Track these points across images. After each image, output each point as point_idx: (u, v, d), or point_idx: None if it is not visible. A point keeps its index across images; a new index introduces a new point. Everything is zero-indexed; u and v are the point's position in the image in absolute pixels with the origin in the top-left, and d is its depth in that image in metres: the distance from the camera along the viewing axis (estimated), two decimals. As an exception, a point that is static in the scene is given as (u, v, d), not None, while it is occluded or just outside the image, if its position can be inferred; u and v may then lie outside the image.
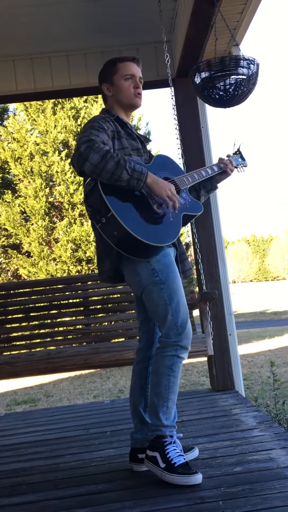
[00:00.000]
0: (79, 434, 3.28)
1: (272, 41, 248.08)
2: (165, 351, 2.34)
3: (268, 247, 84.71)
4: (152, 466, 2.29)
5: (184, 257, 2.58)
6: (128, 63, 2.57)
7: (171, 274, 2.35)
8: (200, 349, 3.52)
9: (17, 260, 11.16)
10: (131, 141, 2.48)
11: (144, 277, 2.36)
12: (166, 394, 2.33)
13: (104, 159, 2.16)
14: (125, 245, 2.25)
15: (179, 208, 2.43)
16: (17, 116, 11.70)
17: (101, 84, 2.59)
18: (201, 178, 2.62)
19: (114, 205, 2.21)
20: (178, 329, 2.32)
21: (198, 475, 2.20)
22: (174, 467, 2.22)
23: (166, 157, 2.60)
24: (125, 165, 2.18)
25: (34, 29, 3.91)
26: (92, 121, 2.39)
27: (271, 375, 4.62)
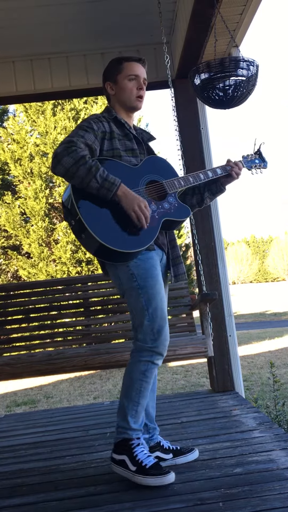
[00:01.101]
0: (78, 435, 3.28)
1: (271, 42, 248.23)
2: (140, 356, 2.33)
3: (268, 248, 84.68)
4: (121, 470, 2.29)
5: (178, 261, 2.55)
6: (133, 63, 2.54)
7: (149, 279, 2.32)
8: (200, 350, 3.52)
9: (17, 261, 11.15)
10: (125, 142, 2.45)
11: (124, 281, 2.36)
12: (136, 398, 2.33)
13: (76, 165, 2.17)
14: (94, 249, 2.25)
15: (160, 213, 2.39)
16: (17, 117, 11.70)
17: (105, 82, 2.58)
18: (198, 181, 2.55)
19: (82, 208, 2.21)
20: (155, 334, 2.31)
21: (171, 474, 2.23)
22: (146, 469, 2.23)
23: (159, 158, 2.55)
24: (96, 174, 2.17)
25: (34, 31, 3.91)
26: (85, 120, 2.39)
27: (271, 376, 4.62)
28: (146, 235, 2.31)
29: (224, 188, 2.67)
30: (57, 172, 2.21)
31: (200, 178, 2.56)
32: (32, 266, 10.77)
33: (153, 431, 2.51)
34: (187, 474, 2.32)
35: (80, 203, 2.22)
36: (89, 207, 2.23)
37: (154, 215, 2.36)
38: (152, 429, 2.51)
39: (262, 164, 2.82)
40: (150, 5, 3.57)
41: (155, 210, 2.38)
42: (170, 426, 3.20)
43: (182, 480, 2.26)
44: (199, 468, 2.36)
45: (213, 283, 4.02)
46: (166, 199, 2.44)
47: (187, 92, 3.96)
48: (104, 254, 2.26)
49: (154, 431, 2.52)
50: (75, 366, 3.46)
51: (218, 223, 4.13)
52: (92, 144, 2.29)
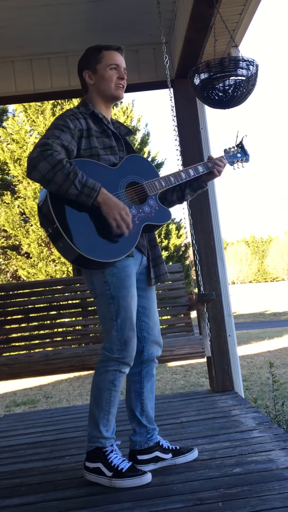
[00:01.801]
0: (78, 435, 3.27)
1: (271, 41, 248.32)
2: (107, 366, 2.33)
3: (267, 248, 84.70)
4: (97, 477, 2.30)
5: (159, 261, 2.50)
6: (113, 52, 2.43)
7: (123, 289, 2.29)
8: (198, 351, 3.52)
9: (16, 261, 11.15)
10: (103, 139, 2.36)
11: (97, 286, 2.33)
12: (107, 407, 2.33)
13: (53, 170, 2.08)
14: (72, 258, 2.18)
15: (141, 217, 2.33)
16: (16, 117, 11.70)
17: (82, 71, 2.46)
18: (180, 181, 2.48)
19: (60, 216, 2.12)
20: (122, 345, 2.31)
21: (148, 474, 2.27)
22: (123, 473, 2.25)
23: (139, 157, 2.48)
24: (75, 180, 2.09)
25: (34, 30, 3.91)
26: (60, 117, 2.30)
27: (271, 376, 4.62)
28: (126, 243, 2.25)
29: (205, 185, 2.61)
30: (32, 177, 2.12)
31: (182, 177, 2.49)
32: (32, 266, 10.78)
33: (153, 432, 2.51)
34: (186, 474, 2.32)
35: (57, 210, 2.13)
36: (67, 214, 2.14)
37: (135, 220, 2.29)
38: (151, 430, 2.51)
39: (245, 157, 2.75)
40: (150, 5, 3.56)
41: (136, 214, 2.31)
42: (170, 426, 3.19)
43: (181, 480, 2.26)
44: (198, 468, 2.36)
45: (212, 283, 4.02)
46: (147, 202, 2.37)
47: (187, 92, 3.96)
48: (82, 263, 2.20)
49: (154, 432, 2.52)
50: (72, 366, 3.46)
51: (217, 223, 4.12)
52: (68, 145, 2.21)
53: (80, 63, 2.49)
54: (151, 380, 2.53)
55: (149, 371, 2.52)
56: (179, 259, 13.54)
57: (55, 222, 2.12)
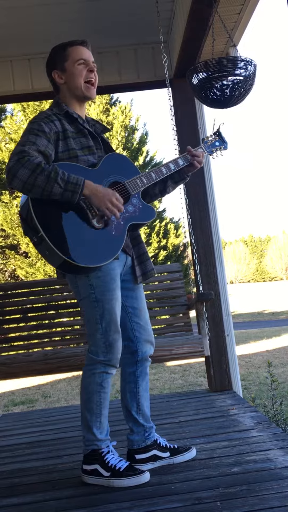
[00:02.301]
0: (76, 435, 3.27)
1: (269, 41, 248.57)
2: (94, 369, 2.33)
3: (265, 247, 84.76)
4: (95, 479, 2.30)
5: (144, 258, 2.48)
6: (79, 47, 2.40)
7: (107, 293, 2.28)
8: (197, 350, 3.53)
9: (14, 260, 11.15)
10: (80, 139, 2.32)
11: (81, 289, 2.32)
12: (98, 410, 2.33)
13: (33, 174, 2.06)
14: (58, 264, 2.17)
15: (125, 218, 2.31)
16: (14, 117, 11.70)
17: (51, 72, 2.41)
18: (161, 176, 2.45)
19: (44, 225, 2.10)
20: (107, 348, 2.31)
21: (146, 473, 2.27)
22: (120, 472, 2.25)
23: (119, 156, 2.46)
24: (57, 178, 2.07)
25: (32, 30, 3.91)
26: (34, 121, 2.26)
27: (269, 375, 4.62)
28: (112, 246, 2.24)
29: (187, 176, 2.59)
30: (14, 186, 2.09)
31: (163, 172, 2.46)
32: (30, 266, 10.77)
33: (150, 430, 2.51)
34: (185, 473, 2.32)
35: (41, 218, 2.10)
36: (51, 221, 2.12)
37: (119, 221, 2.27)
38: (148, 428, 2.50)
39: (223, 145, 2.73)
40: (148, 5, 3.56)
41: (120, 215, 2.27)
42: (168, 425, 3.19)
43: (180, 479, 2.26)
44: (197, 467, 2.36)
45: (211, 283, 4.02)
46: (130, 201, 2.35)
47: (185, 92, 3.96)
48: (69, 269, 2.20)
49: (151, 430, 2.51)
50: (71, 366, 3.47)
51: (216, 222, 4.13)
52: (45, 150, 2.18)
53: (47, 64, 2.45)
54: (145, 378, 2.53)
55: (143, 370, 2.52)
56: (177, 258, 13.56)
57: (39, 231, 2.09)
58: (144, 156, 14.21)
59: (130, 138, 14.18)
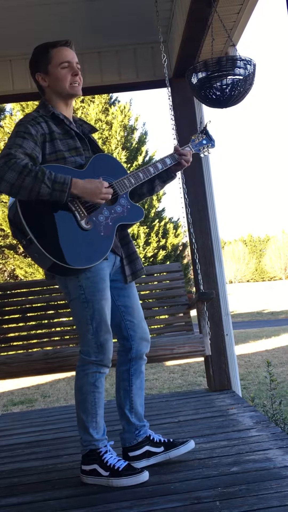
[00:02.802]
0: (76, 434, 3.25)
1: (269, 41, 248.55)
2: (87, 369, 2.33)
3: (265, 247, 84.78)
4: (94, 479, 2.30)
5: (134, 257, 2.49)
6: (62, 48, 2.36)
7: (97, 293, 2.29)
8: (198, 349, 3.52)
9: (14, 260, 11.15)
10: (67, 140, 2.32)
11: (71, 290, 2.32)
12: (93, 410, 2.33)
13: (21, 176, 2.05)
14: (48, 266, 2.17)
15: (114, 218, 2.31)
16: (13, 116, 11.70)
17: (35, 74, 2.39)
18: (148, 176, 2.45)
19: (33, 227, 2.10)
20: (98, 348, 2.31)
21: (145, 472, 2.26)
22: (119, 472, 2.25)
23: (106, 157, 2.46)
24: (43, 178, 2.07)
25: (31, 29, 3.90)
26: (20, 124, 2.25)
27: (268, 375, 4.63)
28: (102, 247, 2.25)
29: (174, 175, 2.59)
30: (2, 189, 2.09)
31: (150, 172, 2.46)
32: (29, 265, 10.78)
33: (141, 428, 2.48)
34: (184, 472, 2.32)
35: (29, 220, 2.11)
36: (39, 224, 2.12)
37: (108, 222, 2.28)
38: (140, 427, 2.48)
39: (210, 143, 2.75)
40: (147, 4, 3.56)
41: (108, 216, 2.29)
42: (167, 425, 3.20)
43: (179, 479, 2.26)
44: (196, 467, 2.37)
45: (210, 282, 4.02)
46: (118, 202, 2.35)
47: (184, 91, 3.96)
48: (58, 271, 2.21)
49: (142, 428, 2.49)
50: (72, 365, 3.45)
51: (215, 222, 4.13)
52: (32, 152, 2.17)
53: (30, 65, 2.42)
54: (139, 377, 2.52)
55: (138, 369, 2.51)
56: (176, 258, 13.56)
57: (28, 233, 2.10)
58: (144, 156, 14.21)
59: (129, 138, 14.18)
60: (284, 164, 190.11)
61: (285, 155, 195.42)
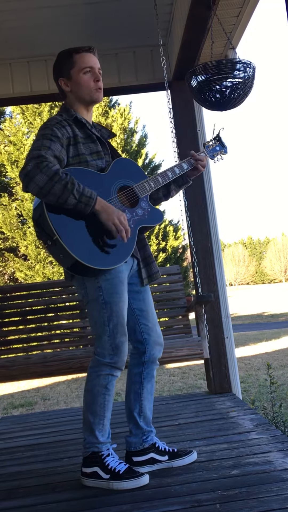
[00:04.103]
0: (76, 437, 3.27)
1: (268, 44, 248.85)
2: (100, 371, 2.33)
3: (265, 249, 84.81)
4: (94, 481, 2.30)
5: (150, 260, 2.51)
6: (85, 54, 2.39)
7: (115, 295, 2.30)
8: (196, 352, 3.52)
9: (13, 263, 11.15)
10: (89, 144, 2.35)
11: (89, 291, 2.33)
12: (101, 412, 2.34)
13: (51, 182, 2.08)
14: (73, 267, 2.20)
15: (135, 221, 2.35)
16: (13, 119, 11.70)
17: (58, 79, 2.43)
18: (167, 180, 2.51)
19: (59, 227, 2.14)
20: (113, 350, 2.31)
21: (145, 476, 2.27)
22: (120, 475, 2.25)
23: (126, 161, 2.50)
24: (73, 190, 2.10)
25: (31, 33, 3.91)
26: (46, 126, 2.28)
27: (268, 377, 4.63)
28: (124, 249, 2.27)
29: (190, 180, 2.64)
30: (30, 191, 2.12)
31: (169, 176, 2.52)
32: (29, 268, 10.77)
33: (148, 434, 2.50)
34: (184, 475, 2.32)
35: (55, 221, 2.14)
36: (65, 225, 2.16)
37: (130, 223, 2.31)
38: (147, 432, 2.50)
39: (223, 150, 2.80)
40: (147, 7, 3.57)
41: (130, 218, 2.33)
42: (168, 428, 3.19)
43: (179, 482, 2.26)
44: (196, 470, 2.36)
45: (210, 285, 4.02)
46: (139, 205, 2.39)
47: (184, 94, 3.96)
48: (80, 270, 2.22)
49: (149, 434, 2.51)
50: (71, 368, 3.46)
51: (215, 225, 4.13)
52: (60, 155, 2.21)
53: (54, 70, 2.46)
54: (151, 381, 2.53)
55: (150, 372, 2.52)
56: (176, 260, 13.55)
57: (54, 234, 2.13)
58: (143, 159, 14.20)
59: (129, 141, 14.17)
60: (284, 166, 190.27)
61: (285, 158, 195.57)
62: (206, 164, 2.65)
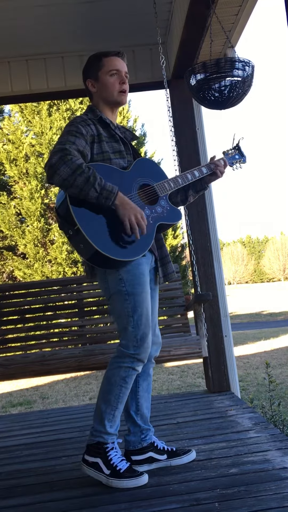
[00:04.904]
0: (74, 436, 3.27)
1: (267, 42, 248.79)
2: (122, 362, 2.34)
3: (263, 248, 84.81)
4: (94, 472, 2.31)
5: (166, 261, 2.55)
6: (113, 57, 2.50)
7: (138, 286, 2.33)
8: (195, 351, 3.52)
9: (12, 261, 11.14)
10: (113, 144, 2.43)
11: (111, 285, 2.36)
12: (115, 403, 2.34)
13: (74, 174, 2.15)
14: (92, 258, 2.24)
15: (154, 218, 2.40)
16: (12, 118, 11.69)
17: (86, 80, 2.53)
18: (186, 182, 2.57)
19: (80, 218, 2.20)
20: (138, 342, 2.32)
21: (145, 475, 2.27)
22: (120, 473, 2.26)
23: (147, 161, 2.57)
24: (95, 183, 2.16)
25: (30, 31, 3.90)
26: (71, 124, 2.35)
27: (267, 376, 4.63)
28: (143, 243, 2.32)
29: (207, 186, 2.70)
30: (54, 182, 2.19)
31: (188, 178, 2.58)
32: (28, 267, 10.77)
33: (147, 432, 2.51)
34: (183, 474, 2.32)
35: (77, 212, 2.21)
36: (87, 216, 2.22)
37: (149, 220, 2.37)
38: (145, 430, 2.50)
39: (242, 159, 2.85)
40: (146, 6, 3.57)
41: (149, 215, 2.39)
42: (166, 426, 3.19)
43: (178, 480, 2.26)
44: (195, 469, 2.36)
45: (208, 284, 4.02)
46: (158, 203, 2.45)
47: (183, 93, 3.96)
48: (99, 261, 2.26)
49: (148, 432, 2.51)
50: (69, 367, 3.46)
51: (213, 223, 4.13)
52: (83, 150, 2.28)
53: (83, 72, 2.56)
54: (147, 379, 2.54)
55: (146, 371, 2.53)
56: (175, 259, 13.54)
57: (75, 223, 2.19)
58: (142, 157, 14.21)
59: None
60: (282, 165, 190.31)
61: (283, 157, 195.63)
62: (225, 171, 2.70)
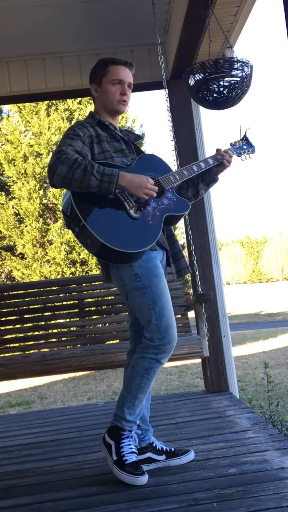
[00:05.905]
0: (73, 436, 3.27)
1: (266, 43, 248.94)
2: (146, 352, 2.34)
3: (262, 248, 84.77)
4: (106, 452, 2.34)
5: (179, 256, 2.56)
6: (119, 66, 2.51)
7: (154, 278, 2.33)
8: (196, 351, 3.52)
9: (10, 262, 11.12)
10: (114, 143, 2.44)
11: (127, 281, 2.36)
12: (135, 392, 2.35)
13: (71, 169, 2.17)
14: (100, 253, 2.25)
15: (161, 209, 2.40)
16: (10, 118, 11.68)
17: (90, 83, 2.57)
18: (192, 174, 2.56)
19: (85, 214, 2.21)
20: (162, 333, 2.32)
21: (145, 476, 2.27)
22: (124, 464, 2.28)
23: (151, 156, 2.57)
24: (92, 171, 2.18)
25: (28, 31, 3.90)
26: (69, 128, 2.39)
27: (265, 376, 4.62)
28: (150, 234, 2.32)
29: (217, 177, 2.68)
30: (55, 182, 2.21)
31: (194, 170, 2.57)
32: (26, 267, 10.75)
33: (146, 432, 2.51)
34: (181, 474, 2.32)
35: (81, 208, 2.22)
36: (91, 211, 2.23)
37: (156, 212, 2.37)
38: (144, 430, 2.51)
39: (250, 149, 2.81)
40: (145, 6, 3.57)
41: (156, 207, 2.39)
42: (165, 426, 3.20)
43: (176, 480, 2.26)
44: (193, 469, 2.36)
45: (207, 284, 4.03)
46: (165, 195, 2.45)
47: (182, 93, 3.96)
48: (109, 256, 2.27)
49: (147, 432, 2.52)
50: (69, 367, 3.46)
51: (212, 223, 4.13)
52: (81, 150, 2.30)
53: (90, 75, 2.58)
54: None
55: None
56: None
57: (81, 220, 2.20)
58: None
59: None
60: (281, 165, 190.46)
61: (282, 157, 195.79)
62: (232, 160, 2.68)
